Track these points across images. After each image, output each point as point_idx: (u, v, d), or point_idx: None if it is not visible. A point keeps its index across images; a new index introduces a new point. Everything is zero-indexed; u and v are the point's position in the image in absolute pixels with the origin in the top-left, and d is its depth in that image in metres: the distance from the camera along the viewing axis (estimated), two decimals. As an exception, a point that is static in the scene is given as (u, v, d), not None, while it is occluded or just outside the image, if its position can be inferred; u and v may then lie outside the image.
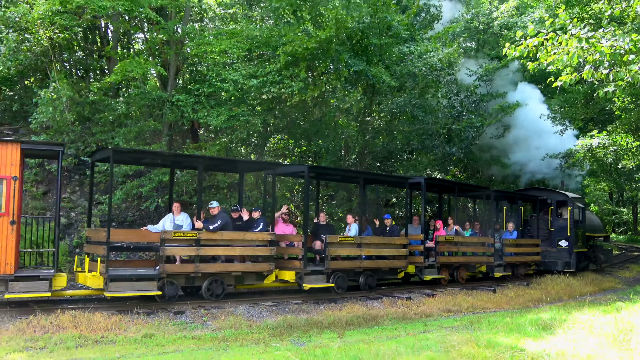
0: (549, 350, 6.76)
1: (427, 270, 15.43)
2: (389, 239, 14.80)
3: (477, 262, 17.67)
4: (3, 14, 15.71)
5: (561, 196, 21.29)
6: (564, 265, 20.13)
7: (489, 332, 8.59)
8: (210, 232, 11.52)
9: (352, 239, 13.84)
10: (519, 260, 19.02)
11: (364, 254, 13.87)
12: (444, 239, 15.95)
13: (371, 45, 17.92)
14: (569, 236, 20.25)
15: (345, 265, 13.77)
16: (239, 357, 7.11)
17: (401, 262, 14.77)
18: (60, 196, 11.13)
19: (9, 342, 8.37)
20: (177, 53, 18.25)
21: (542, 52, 9.44)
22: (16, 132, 18.74)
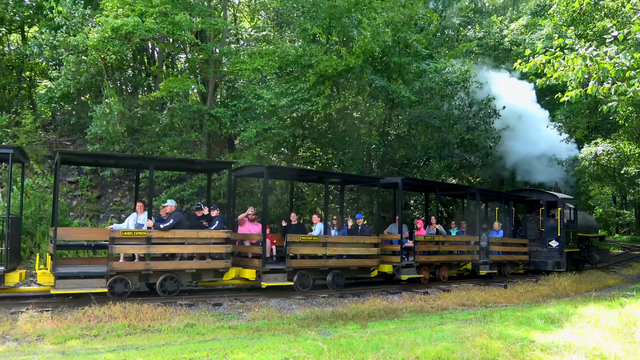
0: (557, 342, 6.63)
1: (405, 270, 14.47)
2: (358, 238, 13.83)
3: (461, 261, 16.82)
4: (65, 40, 16.07)
5: (551, 197, 20.20)
6: (554, 265, 19.10)
7: (501, 324, 8.46)
8: (161, 230, 10.90)
9: (316, 238, 13.03)
10: (505, 259, 18.16)
11: (329, 253, 12.98)
12: (423, 239, 15.09)
13: (391, 62, 17.87)
14: (560, 236, 19.26)
15: (308, 264, 12.96)
16: (271, 346, 7.11)
17: (372, 262, 13.89)
18: (10, 196, 10.30)
19: (67, 330, 8.53)
20: (215, 71, 18.46)
21: (549, 69, 9.29)
22: (74, 142, 19.12)
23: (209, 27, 17.40)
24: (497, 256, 17.68)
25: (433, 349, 6.51)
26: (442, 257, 15.80)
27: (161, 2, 15.37)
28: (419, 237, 14.94)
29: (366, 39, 15.81)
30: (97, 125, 16.26)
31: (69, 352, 7.25)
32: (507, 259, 18.26)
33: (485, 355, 6.21)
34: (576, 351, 6.23)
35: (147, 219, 11.23)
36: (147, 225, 10.94)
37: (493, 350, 6.38)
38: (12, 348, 7.57)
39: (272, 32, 22.68)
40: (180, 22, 15.44)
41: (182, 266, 11.31)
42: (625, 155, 20.60)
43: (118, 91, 18.70)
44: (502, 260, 17.97)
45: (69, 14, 16.16)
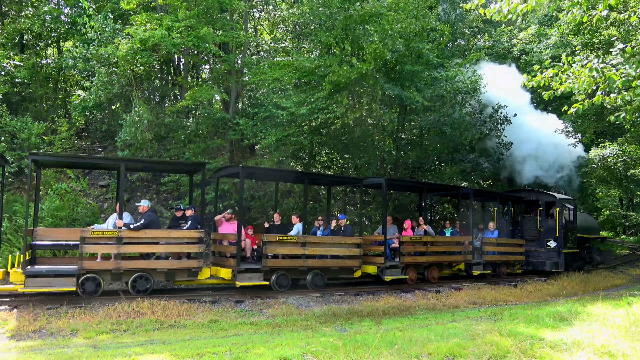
0: (566, 340, 6.52)
1: (389, 271, 13.72)
2: (339, 239, 13.15)
3: (452, 261, 15.96)
4: (96, 52, 16.31)
5: (550, 197, 19.31)
6: (553, 265, 18.23)
7: (511, 322, 8.34)
8: (131, 230, 10.56)
9: (293, 238, 12.43)
10: (500, 259, 17.27)
11: (307, 253, 12.36)
12: (409, 239, 14.39)
13: (404, 70, 17.79)
14: (558, 237, 18.38)
15: (285, 264, 12.32)
16: (291, 341, 7.10)
17: (354, 262, 13.21)
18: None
19: (99, 325, 8.62)
20: (237, 81, 18.56)
21: (556, 82, 9.15)
22: (105, 149, 19.37)
23: (231, 40, 17.52)
24: (491, 256, 16.89)
25: (445, 345, 6.43)
26: (431, 257, 15.00)
27: (186, 16, 15.51)
28: (405, 238, 14.32)
29: (374, 44, 15.76)
30: (126, 132, 16.44)
31: (100, 346, 7.32)
32: (502, 259, 17.41)
33: (495, 352, 6.12)
34: (585, 348, 6.11)
35: (125, 218, 10.96)
36: (118, 225, 10.63)
37: (503, 347, 6.29)
38: (48, 342, 7.67)
39: (290, 44, 22.74)
40: (204, 36, 15.57)
41: (153, 265, 10.92)
42: (632, 158, 20.21)
43: (146, 100, 18.91)
44: (497, 260, 17.15)
45: (101, 29, 16.39)
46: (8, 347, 7.18)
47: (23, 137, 17.11)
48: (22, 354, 6.68)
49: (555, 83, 9.16)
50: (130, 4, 16.31)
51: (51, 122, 19.22)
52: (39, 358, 6.44)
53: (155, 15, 16.30)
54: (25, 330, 8.21)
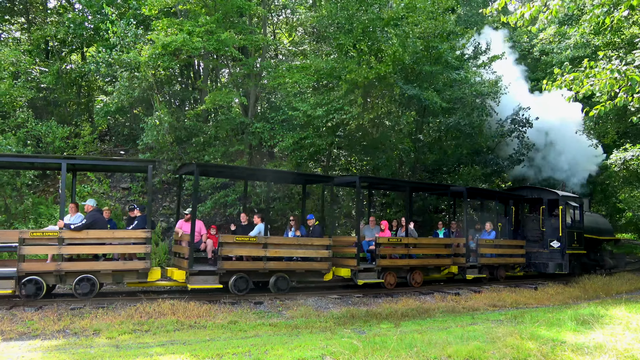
0: (588, 344, 6.40)
1: (363, 274, 12.89)
2: (305, 240, 12.37)
3: (441, 265, 14.78)
4: (119, 57, 16.55)
5: (552, 195, 17.82)
6: (556, 267, 16.94)
7: (532, 325, 8.22)
8: (72, 230, 10.13)
9: (253, 239, 11.66)
10: (498, 261, 16.05)
11: (269, 254, 11.59)
12: (386, 241, 13.43)
13: (423, 71, 17.68)
14: (561, 236, 17.06)
15: (244, 266, 11.56)
16: (309, 343, 7.09)
17: (322, 265, 12.37)
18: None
19: (121, 325, 8.72)
20: (256, 84, 18.66)
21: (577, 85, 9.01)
22: (127, 151, 19.63)
23: (250, 44, 17.63)
24: (488, 259, 15.73)
25: (465, 348, 6.37)
26: (413, 260, 14.03)
27: (207, 21, 15.65)
28: (382, 239, 13.31)
29: (394, 47, 15.67)
30: (148, 135, 16.65)
31: (122, 346, 7.40)
32: (500, 261, 16.17)
33: (516, 355, 6.04)
34: (607, 352, 6.00)
35: (76, 219, 10.71)
36: (59, 225, 10.26)
37: (524, 351, 6.20)
38: (72, 341, 7.78)
39: (309, 47, 22.80)
40: (225, 40, 15.71)
41: (97, 267, 10.41)
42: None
43: (167, 104, 19.12)
44: (494, 263, 15.98)
45: (123, 34, 16.63)
46: (34, 346, 7.31)
47: (48, 140, 17.43)
48: (47, 353, 6.79)
49: (576, 86, 9.02)
50: (151, 10, 16.52)
51: (75, 126, 19.55)
52: (64, 357, 6.54)
53: (175, 20, 16.48)
54: (49, 330, 8.36)
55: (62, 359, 6.47)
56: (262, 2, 19.75)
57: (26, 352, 6.90)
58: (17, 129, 17.17)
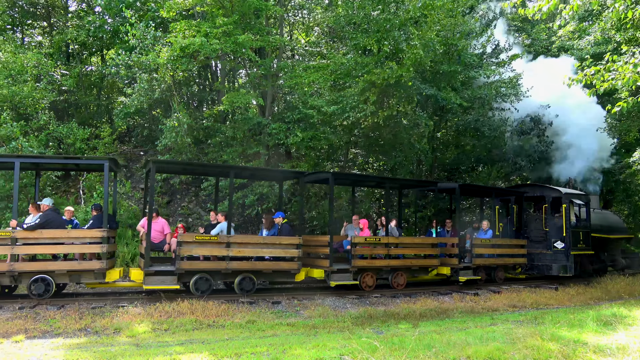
0: (611, 345, 6.29)
1: (337, 276, 12.18)
2: (272, 239, 11.74)
3: (427, 265, 13.91)
4: (138, 59, 16.75)
5: (555, 192, 16.77)
6: (560, 269, 15.90)
7: (553, 326, 8.11)
8: (24, 230, 9.90)
9: (214, 238, 11.16)
10: (495, 262, 15.14)
11: (232, 254, 11.06)
12: (363, 240, 12.69)
13: (440, 70, 17.55)
14: (565, 236, 16.09)
15: (205, 266, 11.09)
16: (327, 343, 7.09)
17: (291, 265, 11.72)
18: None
19: (141, 324, 8.82)
20: (273, 85, 18.72)
21: (598, 80, 8.85)
22: (146, 152, 19.85)
23: (267, 45, 17.70)
24: (483, 259, 14.81)
25: (484, 349, 6.31)
26: (394, 261, 13.17)
27: (224, 23, 15.75)
28: (358, 239, 12.63)
29: (415, 49, 15.54)
30: (166, 137, 16.80)
31: (142, 345, 7.48)
32: (498, 262, 15.25)
33: (537, 357, 5.97)
34: (630, 354, 5.89)
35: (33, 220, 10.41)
36: (11, 225, 10.06)
37: (545, 352, 6.12)
38: (93, 340, 7.89)
39: (325, 47, 22.79)
40: (242, 41, 15.80)
41: (51, 267, 10.14)
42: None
43: (185, 106, 19.28)
44: (491, 264, 15.06)
45: (142, 36, 16.82)
46: (56, 345, 7.43)
47: (69, 142, 17.71)
48: (69, 351, 6.90)
49: (598, 81, 8.87)
50: (169, 13, 16.68)
51: (95, 127, 19.83)
52: (85, 355, 6.63)
53: (193, 22, 16.61)
54: (71, 329, 8.49)
55: (83, 357, 6.56)
56: (278, 3, 19.81)
57: (49, 350, 7.01)
58: (39, 131, 17.48)
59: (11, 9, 21.86)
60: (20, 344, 7.48)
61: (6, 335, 7.99)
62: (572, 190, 17.92)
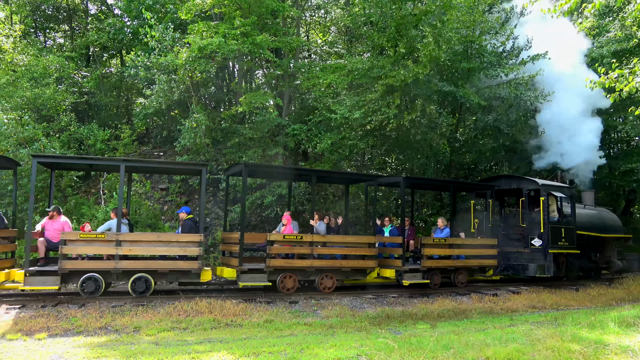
0: (633, 347, 6.17)
1: (247, 276, 11.36)
2: (169, 236, 11.18)
3: (362, 267, 12.56)
4: (157, 61, 16.93)
5: (531, 184, 15.23)
6: (537, 269, 14.45)
7: (573, 327, 7.99)
8: None
9: (101, 235, 10.52)
10: (454, 264, 13.68)
11: (122, 253, 10.47)
12: (282, 238, 11.64)
13: (459, 69, 17.39)
14: (543, 233, 14.55)
15: (92, 266, 10.48)
16: (344, 342, 7.08)
17: (191, 264, 10.94)
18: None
19: (160, 323, 8.91)
20: (290, 85, 18.76)
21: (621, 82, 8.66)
22: (165, 153, 20.03)
23: (284, 46, 17.75)
24: (436, 261, 13.37)
25: (503, 350, 6.23)
26: (318, 261, 12.01)
27: (242, 23, 15.83)
28: (274, 237, 11.68)
29: (430, 46, 15.44)
30: (185, 138, 16.94)
31: (161, 343, 7.55)
32: (458, 264, 13.79)
33: (557, 358, 5.88)
34: (654, 356, 5.78)
35: None
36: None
37: (566, 353, 6.03)
38: (113, 338, 7.99)
39: (343, 47, 22.77)
40: (260, 42, 15.86)
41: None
42: None
43: (203, 106, 19.41)
44: (447, 266, 13.61)
45: (161, 38, 16.99)
46: (78, 343, 7.54)
47: (89, 143, 17.97)
48: (91, 350, 6.99)
49: (620, 84, 8.69)
50: (188, 14, 16.81)
51: (115, 128, 20.08)
52: (106, 353, 6.72)
53: (211, 23, 16.72)
54: (92, 327, 8.61)
55: (104, 355, 6.64)
56: (295, 3, 19.84)
57: (70, 348, 7.12)
58: (60, 132, 17.76)
59: (34, 13, 22.28)
60: (43, 342, 7.61)
61: (30, 332, 8.14)
62: (553, 182, 16.46)
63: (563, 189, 15.79)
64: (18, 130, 15.54)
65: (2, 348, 7.12)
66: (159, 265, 10.86)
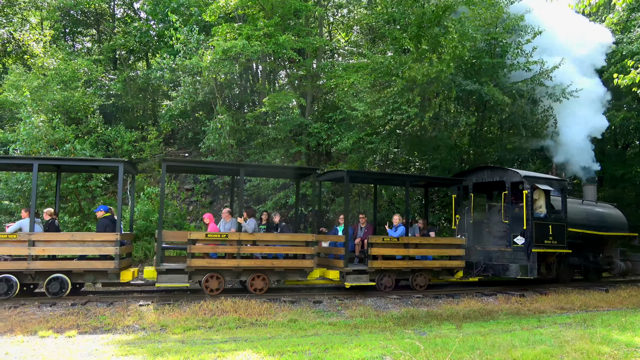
0: (667, 350, 6.01)
1: (166, 277, 10.71)
2: (83, 235, 10.77)
3: (297, 267, 11.59)
4: (182, 63, 17.15)
5: (514, 176, 13.66)
6: (519, 270, 12.87)
7: (603, 329, 7.81)
8: None
9: (12, 235, 10.19)
10: (409, 265, 12.34)
11: (34, 253, 10.08)
12: (204, 237, 11.09)
13: (482, 65, 17.16)
14: (526, 230, 13.06)
15: (2, 267, 10.09)
16: (369, 343, 7.05)
17: (107, 264, 10.42)
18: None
19: (186, 321, 9.02)
20: (313, 85, 18.78)
21: None
22: (190, 154, 20.27)
23: (307, 46, 17.78)
24: (385, 262, 12.26)
25: (531, 352, 6.13)
26: (245, 261, 11.22)
27: (265, 25, 15.91)
28: (195, 235, 11.09)
29: (454, 42, 15.24)
30: (209, 139, 17.11)
31: (187, 342, 7.64)
32: (414, 265, 12.47)
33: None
34: (689, 360, 5.61)
35: None
36: None
37: (595, 355, 5.90)
38: (141, 336, 8.12)
39: (365, 45, 22.71)
40: (283, 42, 15.92)
41: None
42: None
43: (227, 108, 19.58)
44: (400, 267, 12.36)
45: (186, 40, 17.20)
46: (106, 340, 7.68)
47: (117, 144, 18.29)
48: (119, 347, 7.12)
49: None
50: (212, 17, 16.99)
51: (141, 130, 20.40)
52: (134, 351, 6.83)
53: (234, 25, 16.86)
54: (120, 325, 8.76)
55: (132, 352, 6.76)
56: (317, 3, 19.86)
57: (99, 346, 7.26)
58: (88, 134, 18.13)
59: (64, 18, 22.80)
60: (72, 339, 7.78)
61: (60, 330, 8.33)
62: (538, 174, 15.05)
63: (552, 182, 14.18)
64: (49, 133, 15.91)
65: (35, 345, 7.30)
66: (74, 265, 10.43)
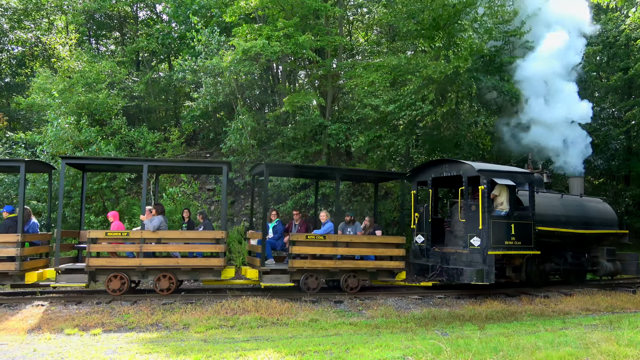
0: (697, 353, 5.85)
1: (65, 277, 10.44)
2: None
3: (209, 266, 11.05)
4: (203, 64, 17.28)
5: (469, 169, 12.06)
6: (475, 274, 11.40)
7: (630, 331, 7.63)
8: None
9: None
10: (337, 266, 11.63)
11: None
12: (103, 236, 10.73)
13: (503, 62, 16.95)
14: (482, 230, 11.52)
15: None
16: (390, 343, 7.02)
17: (8, 266, 10.18)
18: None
19: (208, 320, 9.10)
20: (333, 85, 18.76)
21: None
22: (212, 154, 20.44)
23: (327, 45, 17.78)
24: (308, 262, 11.57)
25: (555, 353, 6.03)
26: (147, 260, 10.78)
27: (285, 25, 15.95)
28: (95, 234, 10.66)
29: (471, 39, 15.07)
30: (231, 139, 17.23)
31: (210, 340, 7.71)
32: (343, 266, 11.74)
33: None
34: None
35: None
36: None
37: (621, 358, 5.78)
38: (164, 335, 8.22)
39: (385, 45, 22.59)
40: (303, 42, 15.95)
41: None
42: None
43: (248, 108, 19.68)
44: (327, 267, 11.64)
45: (207, 41, 17.33)
46: (130, 339, 7.80)
47: (140, 145, 18.54)
48: (142, 345, 7.22)
49: None
50: (232, 17, 17.09)
51: (164, 131, 20.63)
52: (158, 349, 6.92)
53: (254, 26, 16.94)
54: (144, 323, 8.88)
55: (156, 350, 6.84)
56: (337, 3, 19.83)
57: (124, 344, 7.37)
58: (112, 135, 18.41)
59: (88, 21, 23.21)
60: (98, 337, 7.92)
61: (85, 328, 8.49)
62: (498, 167, 13.55)
63: (515, 175, 12.49)
64: (75, 134, 16.20)
65: (61, 342, 7.45)
66: None
